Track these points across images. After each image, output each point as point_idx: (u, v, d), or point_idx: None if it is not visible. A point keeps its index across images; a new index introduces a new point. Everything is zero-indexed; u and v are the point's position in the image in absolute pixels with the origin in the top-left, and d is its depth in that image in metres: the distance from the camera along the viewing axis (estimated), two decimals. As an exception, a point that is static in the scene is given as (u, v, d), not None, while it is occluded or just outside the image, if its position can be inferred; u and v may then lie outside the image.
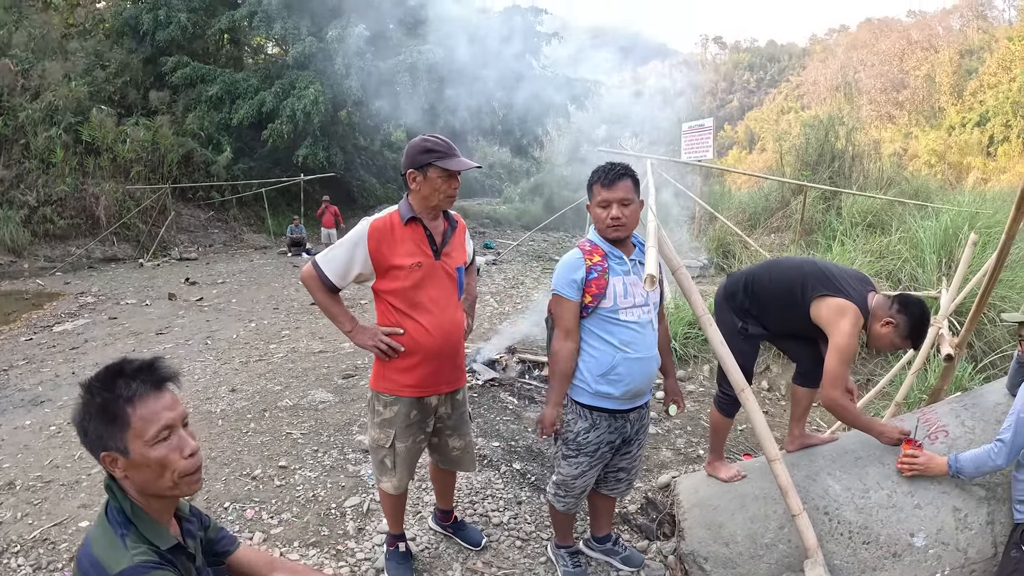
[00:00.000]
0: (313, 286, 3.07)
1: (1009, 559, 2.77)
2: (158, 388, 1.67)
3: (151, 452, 1.63)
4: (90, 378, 1.65)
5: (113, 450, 1.62)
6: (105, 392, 1.61)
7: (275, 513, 4.05)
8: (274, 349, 8.28)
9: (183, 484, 1.70)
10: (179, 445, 1.68)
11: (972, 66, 57.68)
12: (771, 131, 61.54)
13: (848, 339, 3.12)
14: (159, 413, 1.64)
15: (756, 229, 13.99)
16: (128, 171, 20.25)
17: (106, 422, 1.61)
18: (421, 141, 3.00)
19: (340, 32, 21.58)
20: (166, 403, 1.67)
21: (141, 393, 1.63)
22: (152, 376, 1.66)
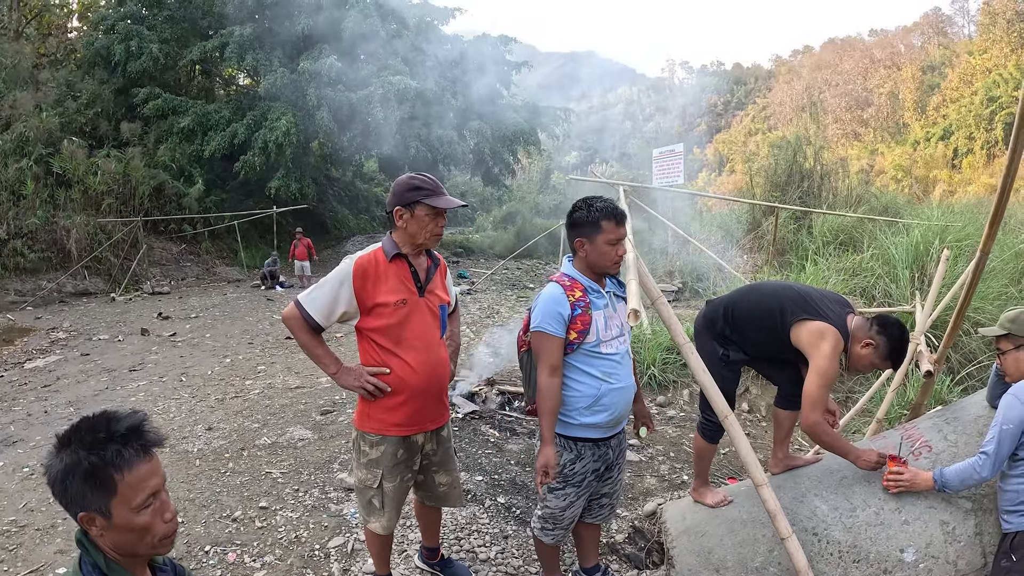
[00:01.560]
0: (296, 326, 3.03)
1: (1000, 568, 2.79)
2: (147, 453, 1.61)
3: (135, 518, 1.58)
4: (73, 435, 1.56)
5: (94, 512, 1.56)
6: (93, 457, 1.53)
7: (257, 556, 3.97)
8: (250, 385, 8.19)
9: (160, 546, 1.66)
10: (161, 510, 1.64)
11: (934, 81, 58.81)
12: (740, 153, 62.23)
13: (829, 362, 3.13)
14: (147, 480, 1.59)
15: (729, 251, 14.08)
16: (99, 203, 20.01)
17: (91, 486, 1.53)
18: (408, 179, 3.02)
19: (312, 63, 21.64)
20: (153, 469, 1.62)
21: (131, 460, 1.56)
22: (141, 441, 1.60)
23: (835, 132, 58.47)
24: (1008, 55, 47.67)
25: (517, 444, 5.76)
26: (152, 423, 1.64)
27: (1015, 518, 2.81)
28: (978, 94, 47.82)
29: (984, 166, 42.86)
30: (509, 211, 34.48)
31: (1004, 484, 2.89)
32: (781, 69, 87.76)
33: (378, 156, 26.97)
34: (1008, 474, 2.88)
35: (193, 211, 21.91)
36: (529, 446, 5.73)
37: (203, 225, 22.51)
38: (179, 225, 22.18)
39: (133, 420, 1.61)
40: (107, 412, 1.62)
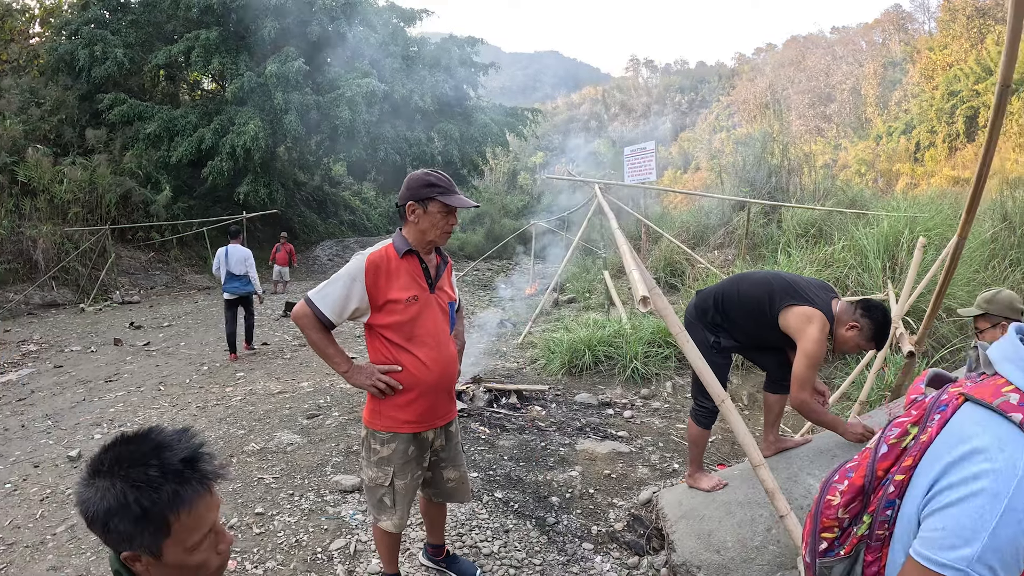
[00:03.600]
0: (307, 324, 2.98)
1: None
2: (207, 487, 1.40)
3: (191, 558, 1.40)
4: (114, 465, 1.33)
5: (142, 551, 1.36)
6: (145, 500, 1.31)
7: (259, 563, 3.93)
8: (231, 392, 8.11)
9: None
10: (215, 542, 1.46)
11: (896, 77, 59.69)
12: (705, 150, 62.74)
13: (816, 344, 3.27)
14: (206, 516, 1.39)
15: (700, 246, 14.22)
16: (66, 212, 19.60)
17: (142, 528, 1.33)
18: (423, 175, 3.01)
19: (278, 67, 21.49)
20: (212, 504, 1.42)
21: (192, 499, 1.35)
22: (200, 475, 1.38)
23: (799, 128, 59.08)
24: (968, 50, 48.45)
25: (508, 440, 5.78)
26: (209, 447, 1.45)
27: None
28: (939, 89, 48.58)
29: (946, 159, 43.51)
30: (478, 212, 34.55)
31: None
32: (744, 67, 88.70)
33: (346, 160, 26.80)
34: None
35: (161, 218, 21.54)
36: (520, 441, 5.75)
37: (171, 232, 22.13)
38: (147, 233, 21.82)
39: (189, 448, 1.39)
40: (154, 435, 1.40)
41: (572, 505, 4.57)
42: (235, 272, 10.43)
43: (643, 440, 5.79)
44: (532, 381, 7.57)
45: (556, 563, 3.89)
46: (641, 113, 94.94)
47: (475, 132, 27.80)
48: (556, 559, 3.93)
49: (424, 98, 25.03)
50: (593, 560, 3.93)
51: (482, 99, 30.98)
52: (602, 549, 4.04)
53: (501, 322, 11.57)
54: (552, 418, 6.36)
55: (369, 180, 32.02)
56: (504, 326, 11.32)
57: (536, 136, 33.50)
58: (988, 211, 9.46)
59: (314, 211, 30.36)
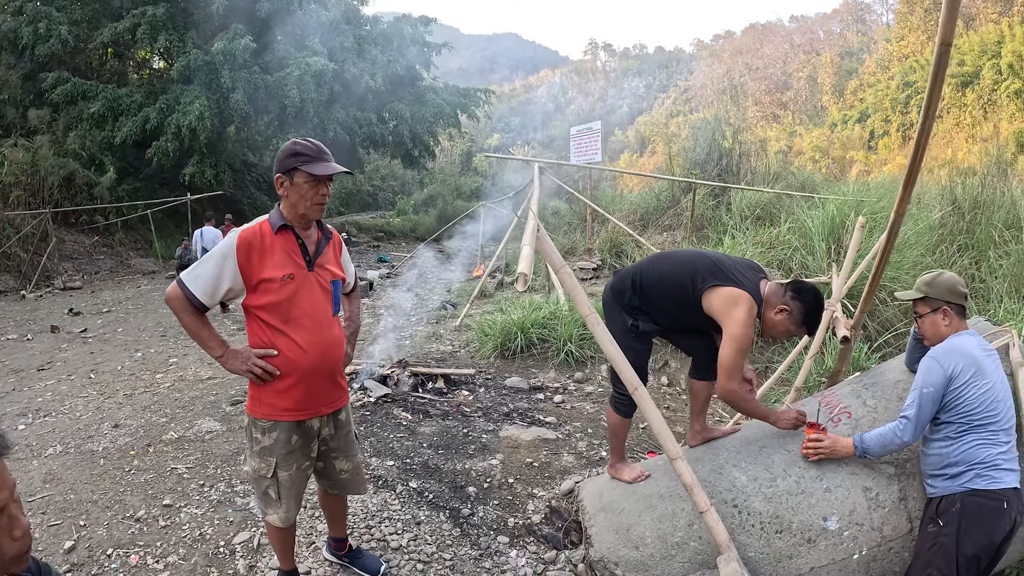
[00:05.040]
0: (179, 307, 2.81)
1: (927, 534, 2.80)
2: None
3: None
4: None
5: None
6: None
7: (160, 557, 3.80)
8: (160, 379, 7.91)
9: (11, 565, 1.38)
10: (9, 527, 1.33)
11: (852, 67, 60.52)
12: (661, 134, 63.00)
13: (743, 328, 3.10)
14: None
15: (648, 228, 14.21)
16: (6, 196, 19.08)
17: None
18: (290, 145, 2.84)
19: (226, 44, 21.03)
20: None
21: None
22: None
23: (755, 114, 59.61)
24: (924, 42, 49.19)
25: (430, 426, 5.67)
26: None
27: (940, 482, 2.84)
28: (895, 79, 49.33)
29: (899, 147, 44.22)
30: (430, 194, 34.35)
31: (927, 448, 2.92)
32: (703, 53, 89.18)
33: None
34: (930, 438, 2.91)
35: (105, 201, 21.05)
36: (442, 428, 5.64)
37: (116, 215, 21.61)
38: (91, 216, 21.32)
39: None
40: None
41: (490, 496, 4.47)
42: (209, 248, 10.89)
43: (572, 426, 5.70)
44: (465, 364, 7.46)
45: (468, 558, 3.80)
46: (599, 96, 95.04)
47: (427, 113, 27.51)
48: (468, 553, 3.84)
49: (375, 78, 24.70)
50: (508, 554, 3.84)
51: (436, 80, 30.75)
52: (518, 543, 3.94)
53: (442, 304, 11.43)
54: (479, 403, 6.25)
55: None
56: (444, 308, 11.18)
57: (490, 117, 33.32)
58: (937, 198, 9.52)
59: (264, 193, 29.86)
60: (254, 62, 21.81)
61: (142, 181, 23.38)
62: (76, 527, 4.12)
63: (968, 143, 31.66)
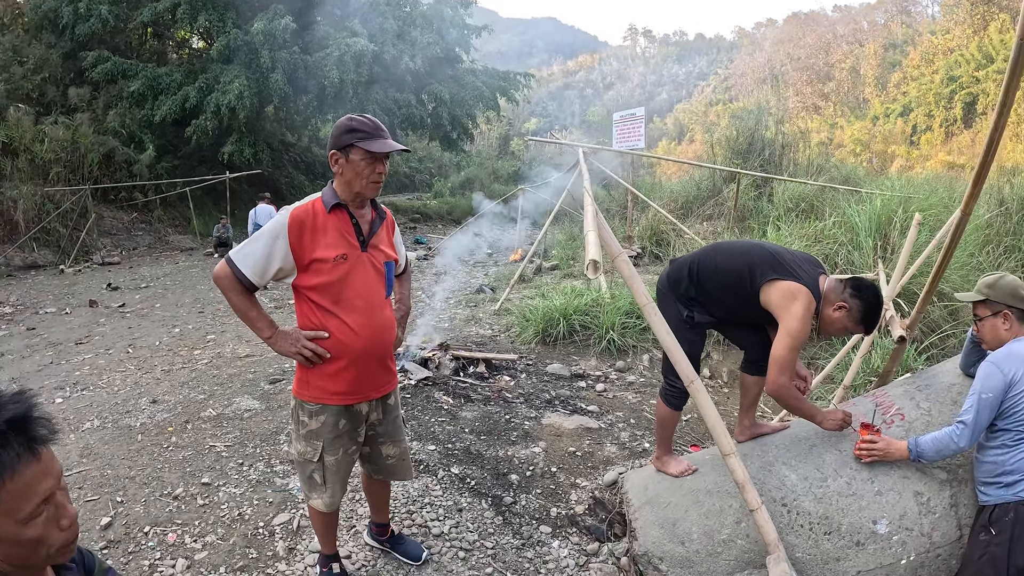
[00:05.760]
0: (227, 286, 2.72)
1: (978, 542, 2.72)
2: (34, 453, 1.24)
3: (24, 531, 1.24)
4: None
5: None
6: None
7: (198, 536, 3.74)
8: (198, 355, 7.91)
9: (57, 556, 1.32)
10: (56, 516, 1.29)
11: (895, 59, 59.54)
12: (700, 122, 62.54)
13: (800, 323, 3.03)
14: (35, 486, 1.24)
15: (688, 217, 14.04)
16: (47, 172, 19.29)
17: None
18: (346, 121, 2.74)
19: (266, 24, 21.02)
20: (44, 470, 1.26)
21: (13, 464, 1.20)
22: (26, 437, 1.23)
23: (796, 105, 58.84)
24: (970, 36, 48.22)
25: (472, 411, 5.57)
26: (41, 409, 1.27)
27: (993, 490, 2.75)
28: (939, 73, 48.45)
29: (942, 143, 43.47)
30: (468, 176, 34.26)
31: (981, 455, 2.83)
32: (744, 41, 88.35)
33: (334, 120, 26.39)
34: (985, 445, 2.82)
35: (144, 178, 21.22)
36: (484, 413, 5.55)
37: (154, 193, 21.78)
38: (130, 193, 21.51)
39: (15, 409, 1.23)
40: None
41: (532, 484, 4.38)
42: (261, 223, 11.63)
43: (614, 416, 5.59)
44: (505, 349, 7.36)
45: (510, 547, 3.71)
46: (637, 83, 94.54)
47: (466, 95, 27.41)
48: (510, 542, 3.75)
49: (415, 59, 24.63)
50: (550, 545, 3.76)
51: (475, 62, 30.65)
52: (560, 533, 3.86)
53: (480, 287, 11.33)
54: (521, 389, 6.15)
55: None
56: (483, 291, 11.08)
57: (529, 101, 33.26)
58: (984, 197, 9.30)
59: (302, 172, 29.99)
60: (294, 42, 21.81)
61: (181, 159, 23.53)
62: (113, 503, 4.09)
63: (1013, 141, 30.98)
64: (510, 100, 30.79)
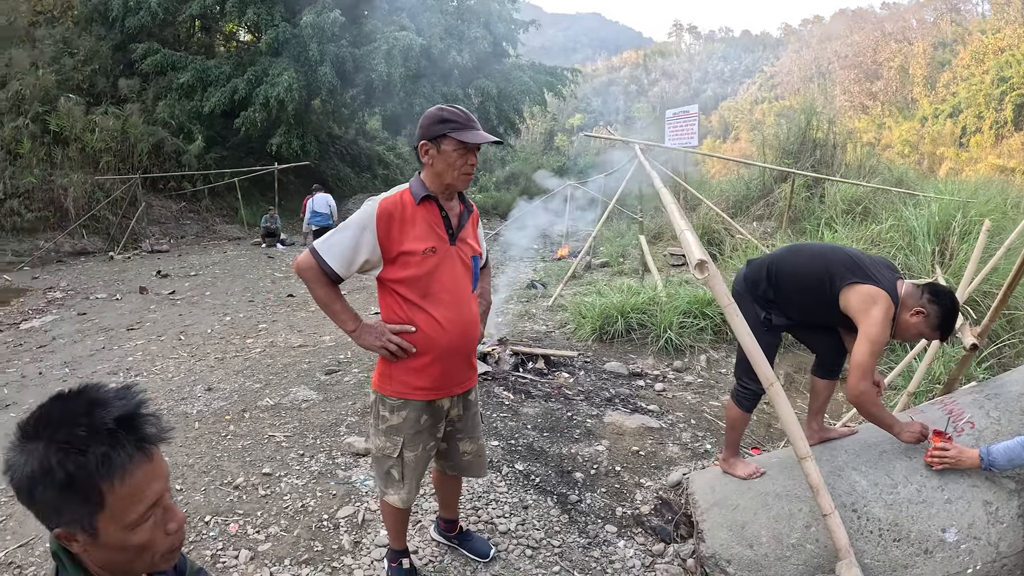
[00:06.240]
0: (311, 277, 2.66)
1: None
2: (145, 453, 1.18)
3: (131, 537, 1.18)
4: (42, 425, 1.15)
5: (75, 528, 1.16)
6: (70, 463, 1.11)
7: (261, 527, 3.72)
8: (251, 344, 7.95)
9: (161, 562, 1.27)
10: (164, 520, 1.24)
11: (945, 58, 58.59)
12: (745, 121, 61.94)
13: (879, 329, 2.98)
14: (145, 489, 1.18)
15: (738, 217, 13.86)
16: (97, 161, 19.66)
17: (70, 499, 1.13)
18: (437, 111, 2.66)
19: (315, 18, 21.14)
20: (154, 472, 1.21)
21: (124, 465, 1.14)
22: (137, 436, 1.17)
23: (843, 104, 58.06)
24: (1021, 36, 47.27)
25: (533, 407, 5.50)
26: (150, 406, 1.21)
27: None
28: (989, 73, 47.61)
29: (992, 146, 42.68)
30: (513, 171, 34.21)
31: None
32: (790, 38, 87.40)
33: (381, 114, 26.57)
34: None
35: (193, 168, 21.51)
36: (545, 410, 5.48)
37: (203, 183, 22.11)
38: (178, 183, 21.81)
39: (125, 406, 1.17)
40: (90, 391, 1.19)
41: (597, 483, 4.30)
42: (319, 210, 15.06)
43: (674, 416, 5.49)
44: (561, 346, 7.28)
45: (576, 546, 3.65)
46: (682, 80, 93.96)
47: (513, 90, 27.38)
48: (576, 541, 3.68)
49: (462, 54, 24.64)
50: (616, 544, 3.68)
51: (521, 57, 30.59)
52: (626, 533, 3.78)
53: (531, 283, 11.27)
54: (580, 386, 6.07)
55: (404, 135, 31.88)
56: (534, 287, 11.02)
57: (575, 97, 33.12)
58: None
59: (347, 165, 30.17)
60: (342, 35, 21.92)
61: (229, 150, 23.81)
62: (173, 491, 4.08)
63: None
64: (557, 95, 30.71)
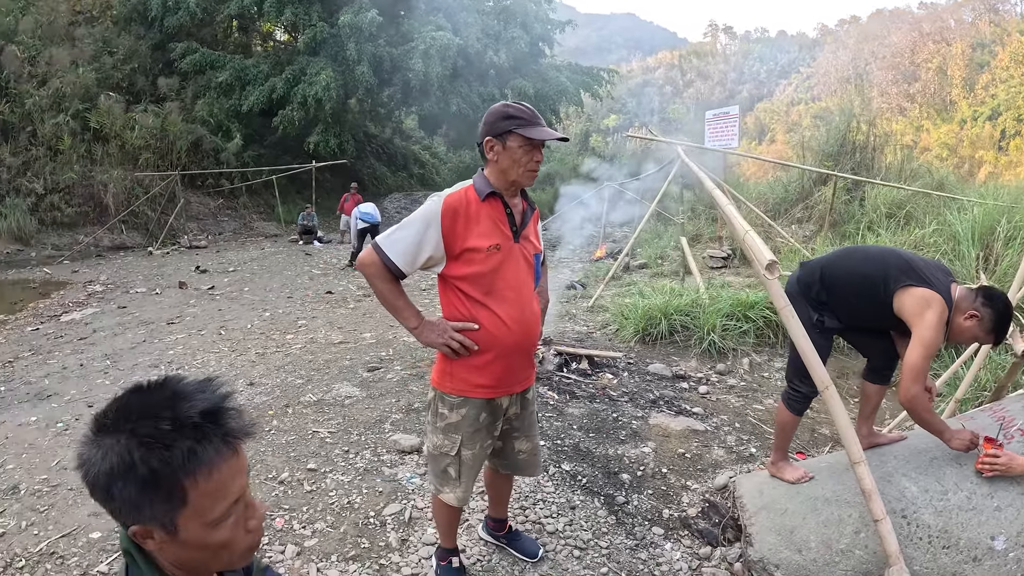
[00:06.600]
0: (374, 273, 2.62)
1: None
2: (231, 446, 1.13)
3: (213, 535, 1.14)
4: (121, 417, 1.08)
5: (153, 525, 1.11)
6: (154, 459, 1.05)
7: (307, 523, 3.71)
8: (291, 340, 7.99)
9: (238, 561, 1.22)
10: (245, 517, 1.19)
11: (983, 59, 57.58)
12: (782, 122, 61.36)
13: (933, 332, 2.92)
14: (229, 485, 1.13)
15: (777, 220, 13.71)
16: (136, 158, 20.03)
17: (151, 496, 1.07)
18: (502, 107, 2.61)
19: (352, 17, 21.29)
20: (239, 467, 1.15)
21: (210, 460, 1.09)
22: (223, 431, 1.12)
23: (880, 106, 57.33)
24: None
25: (578, 408, 5.46)
26: (235, 400, 1.17)
27: None
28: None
29: (1032, 150, 41.92)
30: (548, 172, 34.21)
31: None
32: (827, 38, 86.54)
33: (418, 113, 26.77)
34: None
35: (231, 166, 21.85)
36: (590, 410, 5.44)
37: (241, 180, 22.40)
38: (216, 180, 22.11)
39: (210, 399, 1.12)
40: (171, 384, 1.13)
41: (644, 484, 4.24)
42: (367, 210, 14.14)
43: (719, 419, 5.43)
44: (603, 347, 7.23)
45: (623, 547, 3.59)
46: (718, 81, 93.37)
47: (549, 90, 27.39)
48: (624, 543, 3.63)
49: (499, 54, 24.69)
50: (663, 547, 3.62)
51: (556, 57, 30.58)
52: (673, 535, 3.72)
53: (570, 283, 11.24)
54: (624, 387, 6.01)
55: (440, 135, 32.02)
56: (574, 288, 10.99)
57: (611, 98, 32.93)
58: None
59: (384, 163, 30.36)
60: (380, 35, 22.02)
61: (266, 148, 24.10)
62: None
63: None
64: (593, 96, 30.69)
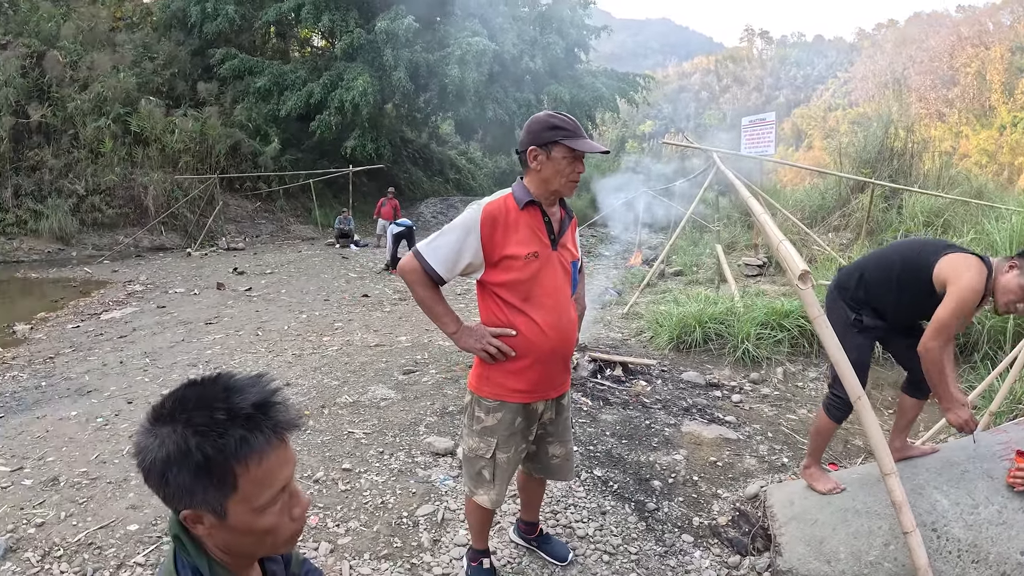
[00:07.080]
0: (415, 279, 2.69)
1: None
2: (279, 438, 1.21)
3: (259, 520, 1.20)
4: (177, 409, 1.16)
5: (203, 510, 1.18)
6: (208, 446, 1.13)
7: (341, 521, 3.78)
8: (328, 342, 8.09)
9: (282, 547, 1.29)
10: (290, 505, 1.26)
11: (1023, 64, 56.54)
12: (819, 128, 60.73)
13: (970, 292, 2.91)
14: (277, 473, 1.20)
15: (814, 227, 13.60)
16: (176, 161, 20.39)
17: (204, 481, 1.15)
18: (547, 117, 2.67)
19: (389, 23, 21.48)
20: (286, 457, 1.23)
21: (261, 449, 1.17)
22: (273, 422, 1.19)
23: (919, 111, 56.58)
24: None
25: (611, 414, 5.48)
26: (284, 393, 1.24)
27: None
28: (1067, 79, 45.93)
29: (1070, 156, 41.15)
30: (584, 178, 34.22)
31: None
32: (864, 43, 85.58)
33: (454, 118, 26.96)
34: None
35: (268, 170, 22.13)
36: (623, 417, 5.46)
37: (278, 183, 22.71)
38: (254, 183, 22.43)
39: (261, 392, 1.20)
40: (224, 379, 1.21)
41: (674, 492, 4.26)
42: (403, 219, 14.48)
43: (751, 428, 5.42)
44: (637, 354, 7.24)
45: (653, 553, 3.61)
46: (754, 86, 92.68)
47: (585, 96, 27.38)
48: (653, 549, 3.65)
49: (535, 60, 24.75)
50: (692, 555, 3.64)
51: (592, 63, 30.56)
52: (702, 543, 3.73)
53: (605, 290, 11.25)
54: (657, 395, 6.03)
55: (476, 140, 32.14)
56: (608, 294, 10.99)
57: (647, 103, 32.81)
58: None
59: (420, 168, 30.57)
60: (416, 41, 22.19)
61: (304, 152, 24.40)
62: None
63: None
64: (630, 102, 30.63)
